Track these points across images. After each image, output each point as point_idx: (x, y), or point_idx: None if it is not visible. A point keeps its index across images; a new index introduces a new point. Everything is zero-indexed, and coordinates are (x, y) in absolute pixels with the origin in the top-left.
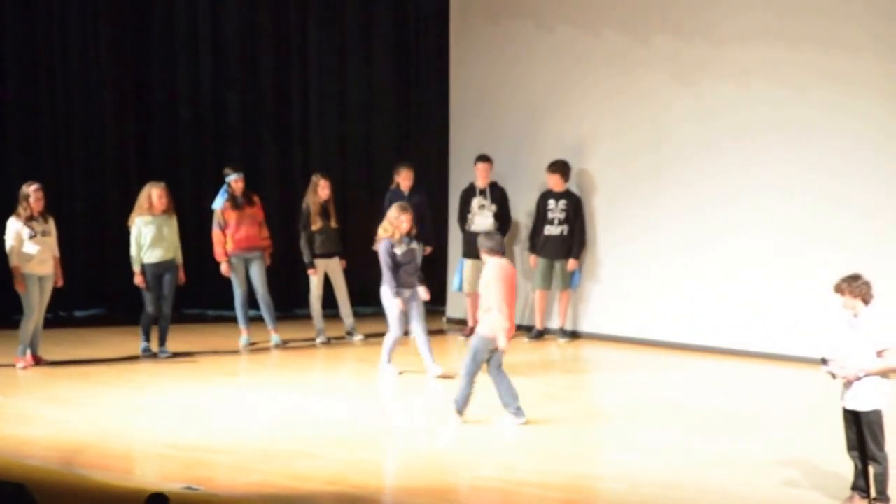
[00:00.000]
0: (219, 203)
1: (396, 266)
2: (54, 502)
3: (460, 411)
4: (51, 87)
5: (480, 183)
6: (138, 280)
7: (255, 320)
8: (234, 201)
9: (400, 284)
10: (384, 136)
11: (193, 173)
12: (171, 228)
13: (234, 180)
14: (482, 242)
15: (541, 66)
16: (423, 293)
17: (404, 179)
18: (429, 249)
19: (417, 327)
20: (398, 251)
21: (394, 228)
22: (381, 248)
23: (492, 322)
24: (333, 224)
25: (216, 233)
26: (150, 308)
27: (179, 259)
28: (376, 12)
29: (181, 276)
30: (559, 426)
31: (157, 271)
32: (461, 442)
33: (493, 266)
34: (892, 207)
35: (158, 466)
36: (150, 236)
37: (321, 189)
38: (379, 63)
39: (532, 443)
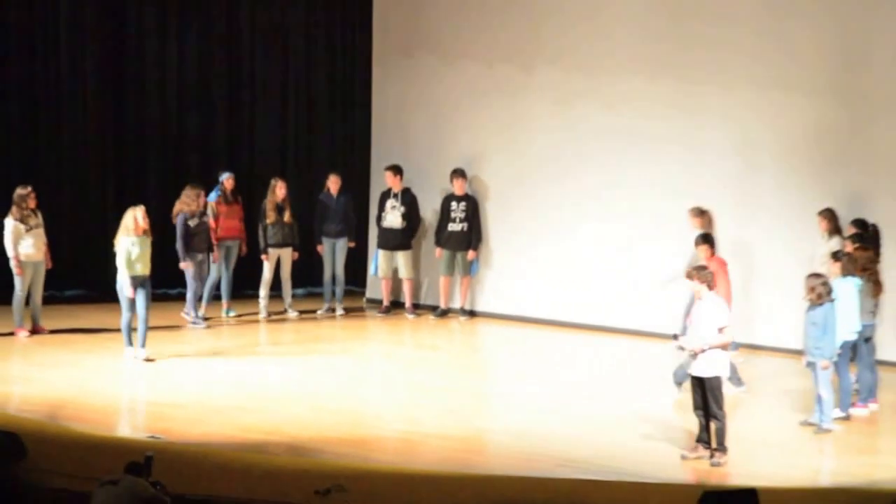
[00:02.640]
0: (212, 197)
1: (190, 235)
2: (41, 448)
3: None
4: (46, 108)
5: (394, 188)
6: (130, 292)
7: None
8: (225, 197)
9: (193, 249)
10: (320, 149)
11: (158, 178)
12: (148, 248)
13: (226, 179)
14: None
15: (445, 92)
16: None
17: (332, 184)
18: (352, 244)
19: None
20: (192, 223)
21: (189, 205)
22: (178, 220)
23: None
24: (287, 219)
25: (210, 222)
26: (127, 314)
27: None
28: (313, 48)
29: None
30: (458, 388)
31: (137, 284)
32: (376, 401)
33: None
34: (729, 209)
35: (128, 419)
36: (136, 254)
37: (278, 189)
38: (315, 90)
39: (434, 402)
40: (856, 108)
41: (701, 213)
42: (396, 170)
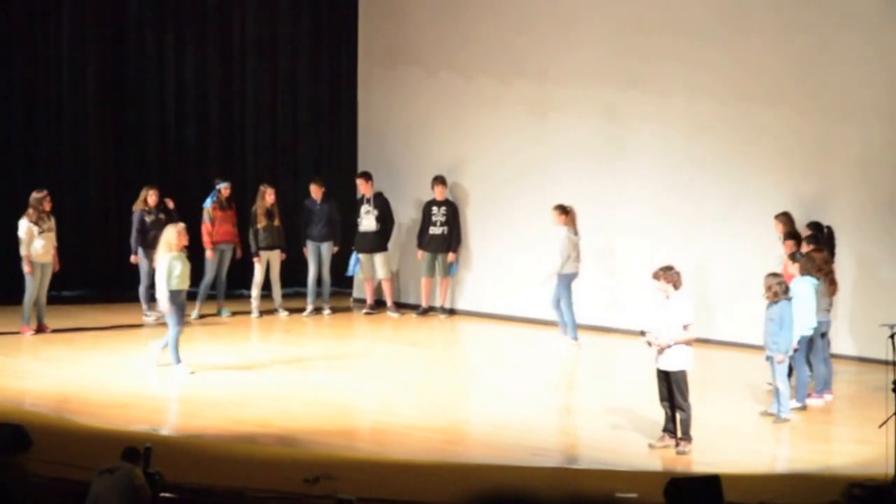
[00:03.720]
0: (208, 202)
1: (146, 230)
2: (45, 440)
3: None
4: (47, 113)
5: (366, 193)
6: (167, 307)
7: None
8: (220, 203)
9: (147, 245)
10: (307, 158)
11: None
12: (188, 263)
13: (224, 187)
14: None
15: (426, 103)
16: None
17: (314, 192)
18: (336, 248)
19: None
20: (148, 219)
21: (142, 202)
22: (135, 215)
23: None
24: (276, 223)
25: (206, 225)
26: (176, 328)
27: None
28: (300, 61)
29: None
30: (439, 382)
31: (176, 299)
32: (362, 394)
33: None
34: (700, 216)
35: (126, 412)
36: (178, 269)
37: (267, 195)
38: (303, 101)
39: (416, 395)
40: (812, 118)
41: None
42: (367, 176)
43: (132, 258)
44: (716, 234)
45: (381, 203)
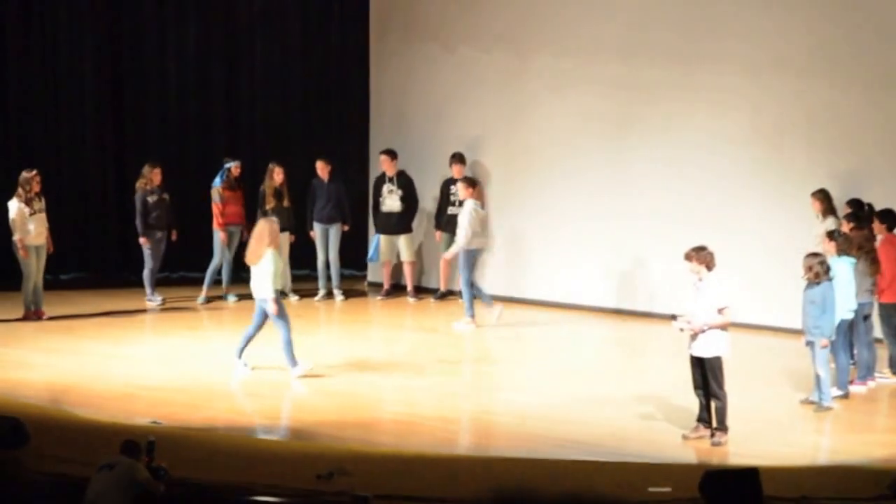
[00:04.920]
0: (217, 182)
1: (148, 211)
2: (44, 434)
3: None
4: (44, 92)
5: (389, 172)
6: (274, 308)
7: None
8: (229, 183)
9: (151, 227)
10: (318, 135)
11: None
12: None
13: (234, 166)
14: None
15: (444, 78)
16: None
17: (321, 170)
18: (346, 227)
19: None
20: (150, 199)
21: (145, 182)
22: (137, 196)
23: None
24: (286, 204)
25: (217, 206)
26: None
27: None
28: (310, 35)
29: None
30: (458, 371)
31: (280, 298)
32: (377, 386)
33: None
34: (729, 194)
35: (129, 404)
36: (279, 266)
37: (276, 174)
38: (313, 76)
39: (435, 384)
40: (850, 90)
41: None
42: (391, 154)
43: (141, 240)
44: (748, 212)
45: (405, 182)
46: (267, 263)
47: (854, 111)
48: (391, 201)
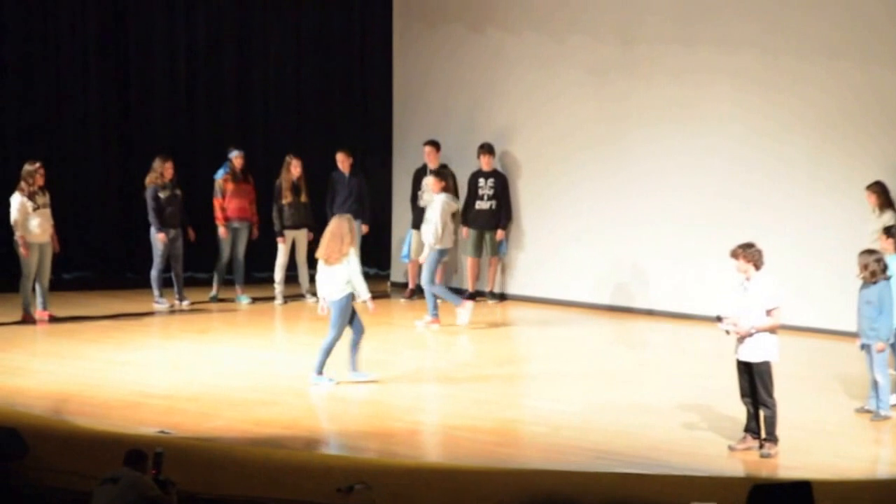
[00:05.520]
0: (219, 174)
1: (160, 207)
2: (42, 445)
3: None
4: (45, 80)
5: (432, 164)
6: (372, 306)
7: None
8: (233, 175)
9: (163, 224)
10: (337, 125)
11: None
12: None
13: (236, 156)
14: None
15: (471, 63)
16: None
17: (341, 163)
18: (365, 228)
19: (177, 265)
20: (162, 195)
21: (156, 177)
22: (148, 192)
23: None
24: (303, 199)
25: (217, 200)
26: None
27: None
28: (328, 17)
29: None
30: (487, 377)
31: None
32: (400, 393)
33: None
34: (781, 186)
35: (134, 413)
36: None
37: (293, 168)
38: (332, 61)
39: (462, 391)
40: None
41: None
42: (436, 145)
43: (159, 236)
44: (800, 206)
45: (447, 176)
46: (354, 263)
47: None
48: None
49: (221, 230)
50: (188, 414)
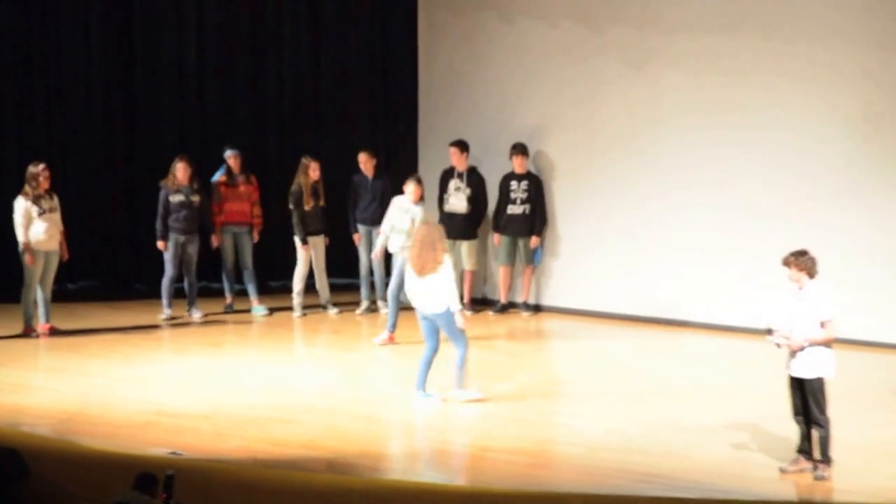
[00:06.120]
0: (215, 177)
1: (169, 212)
2: (45, 467)
3: None
4: (44, 77)
5: (458, 167)
6: (462, 321)
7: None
8: (229, 177)
9: (172, 230)
10: (357, 123)
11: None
12: None
13: (229, 156)
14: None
15: (502, 55)
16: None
17: (364, 164)
18: None
19: (189, 274)
20: (173, 199)
21: (171, 178)
22: (160, 194)
23: None
24: (322, 203)
25: (214, 204)
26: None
27: None
28: (347, 4)
29: None
30: (523, 395)
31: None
32: (426, 410)
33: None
34: (835, 186)
35: (143, 432)
36: None
37: (311, 171)
38: (351, 54)
39: (497, 411)
40: None
41: None
42: (462, 146)
43: (158, 243)
44: (859, 212)
45: (476, 181)
46: (448, 271)
47: None
48: (456, 200)
49: (213, 237)
50: (201, 434)
